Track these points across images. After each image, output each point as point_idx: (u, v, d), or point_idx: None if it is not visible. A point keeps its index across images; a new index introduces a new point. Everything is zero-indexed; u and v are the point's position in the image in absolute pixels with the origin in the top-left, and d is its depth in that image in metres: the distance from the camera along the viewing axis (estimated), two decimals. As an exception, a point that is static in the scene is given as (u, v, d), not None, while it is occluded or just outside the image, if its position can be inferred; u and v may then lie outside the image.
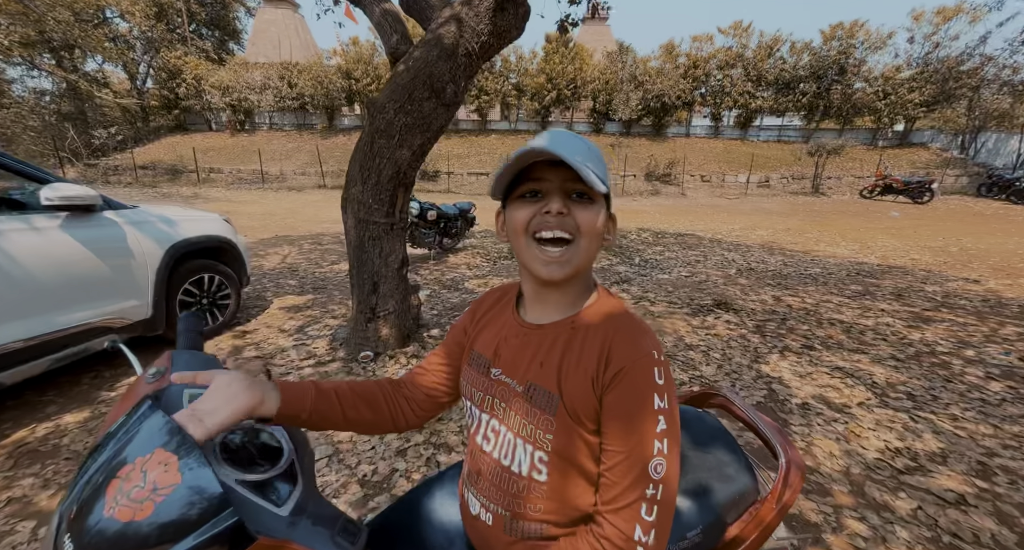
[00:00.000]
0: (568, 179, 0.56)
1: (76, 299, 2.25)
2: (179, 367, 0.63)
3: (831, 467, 1.86)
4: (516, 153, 0.55)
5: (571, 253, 0.57)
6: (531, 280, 0.64)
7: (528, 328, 0.65)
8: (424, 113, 2.62)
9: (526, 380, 0.61)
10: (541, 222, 0.57)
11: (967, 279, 5.01)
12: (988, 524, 1.52)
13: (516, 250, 0.62)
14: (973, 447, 1.94)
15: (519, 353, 0.63)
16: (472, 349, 0.71)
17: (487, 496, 0.64)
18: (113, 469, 0.45)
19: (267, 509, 0.49)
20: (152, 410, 0.50)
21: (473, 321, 0.75)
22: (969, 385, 2.50)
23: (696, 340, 3.27)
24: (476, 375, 0.68)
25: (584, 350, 0.58)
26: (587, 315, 0.62)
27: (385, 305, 2.97)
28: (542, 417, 0.58)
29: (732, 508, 0.85)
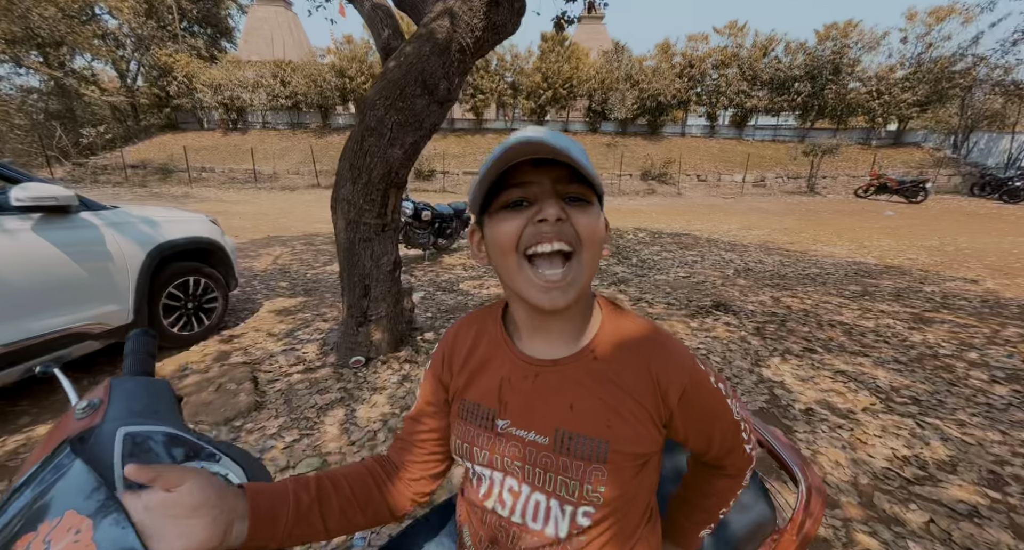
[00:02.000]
0: (560, 179, 0.46)
1: (51, 304, 2.15)
2: (119, 398, 0.54)
3: (839, 477, 1.80)
4: (500, 149, 0.43)
5: (574, 271, 0.47)
6: (526, 309, 0.52)
7: (540, 366, 0.53)
8: (416, 110, 2.53)
9: (553, 429, 0.51)
10: (536, 233, 0.46)
11: (965, 279, 4.99)
12: (1004, 538, 1.46)
13: (504, 274, 0.50)
14: (983, 455, 1.89)
15: (534, 398, 0.52)
16: (463, 399, 0.56)
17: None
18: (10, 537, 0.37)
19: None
20: (70, 459, 0.41)
21: (448, 369, 0.59)
22: (974, 389, 2.45)
23: (696, 343, 3.21)
24: (475, 431, 0.55)
25: (626, 384, 0.51)
26: (606, 339, 0.54)
27: (377, 309, 2.88)
28: (588, 469, 0.49)
29: (749, 541, 0.77)
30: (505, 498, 0.53)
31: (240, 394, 2.34)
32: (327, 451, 1.98)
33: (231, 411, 2.20)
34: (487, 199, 0.49)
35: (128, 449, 0.46)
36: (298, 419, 2.21)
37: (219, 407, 2.22)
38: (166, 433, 0.50)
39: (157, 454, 0.48)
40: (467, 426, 0.55)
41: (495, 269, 0.52)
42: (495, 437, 0.53)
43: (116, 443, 0.46)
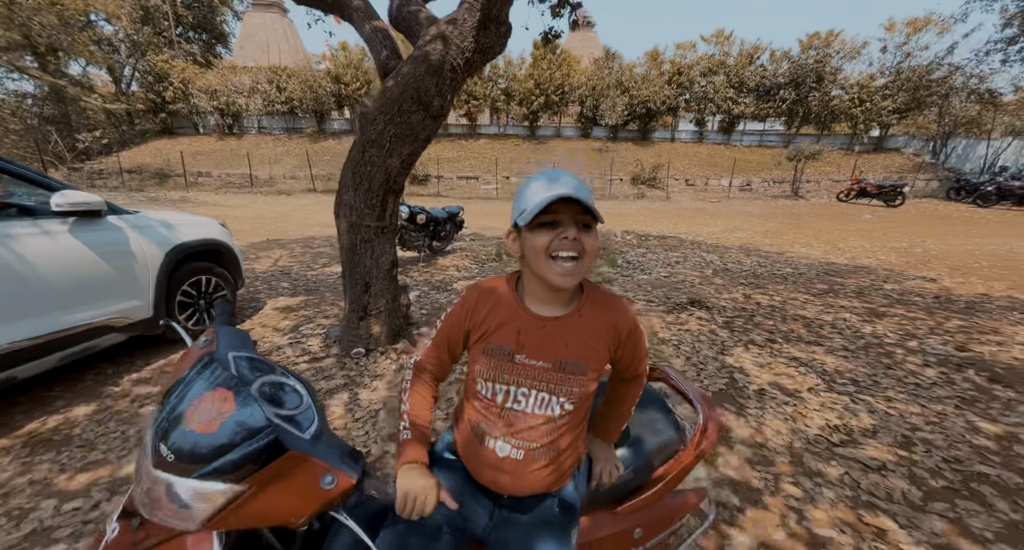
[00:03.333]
0: (578, 212, 0.77)
1: (83, 299, 2.39)
2: (223, 337, 0.82)
3: (777, 442, 2.09)
4: (550, 196, 0.73)
5: (579, 267, 0.78)
6: (543, 286, 0.82)
7: (547, 321, 0.84)
8: (412, 124, 2.82)
9: (554, 358, 0.82)
10: (560, 245, 0.75)
11: (924, 278, 5.36)
12: (902, 484, 1.76)
13: (533, 265, 0.79)
14: (901, 423, 2.20)
15: (542, 341, 0.83)
16: (488, 342, 0.85)
17: (522, 438, 0.83)
18: (186, 399, 0.65)
19: (295, 434, 0.68)
20: (210, 362, 0.69)
21: (472, 320, 0.87)
22: (907, 371, 2.77)
23: (669, 335, 3.50)
24: (499, 362, 0.83)
25: (598, 331, 0.85)
26: (587, 304, 0.87)
27: (376, 304, 3.14)
28: (574, 379, 0.83)
29: (659, 454, 1.06)
30: (520, 399, 0.84)
31: (253, 380, 2.59)
32: (334, 427, 2.24)
33: (246, 394, 2.45)
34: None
35: (239, 364, 0.74)
36: (306, 401, 2.46)
37: (235, 391, 2.47)
38: (255, 358, 0.78)
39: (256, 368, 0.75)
40: (492, 359, 0.84)
41: (525, 258, 0.82)
42: (514, 365, 0.83)
43: (230, 359, 0.74)
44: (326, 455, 0.69)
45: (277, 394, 0.74)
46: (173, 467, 0.62)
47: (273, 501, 0.66)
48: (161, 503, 0.63)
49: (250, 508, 0.65)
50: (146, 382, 2.63)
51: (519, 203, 0.81)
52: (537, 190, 0.77)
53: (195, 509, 0.62)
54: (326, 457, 0.69)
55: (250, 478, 0.63)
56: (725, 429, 2.16)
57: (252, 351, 0.81)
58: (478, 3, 2.76)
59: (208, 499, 0.62)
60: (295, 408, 0.74)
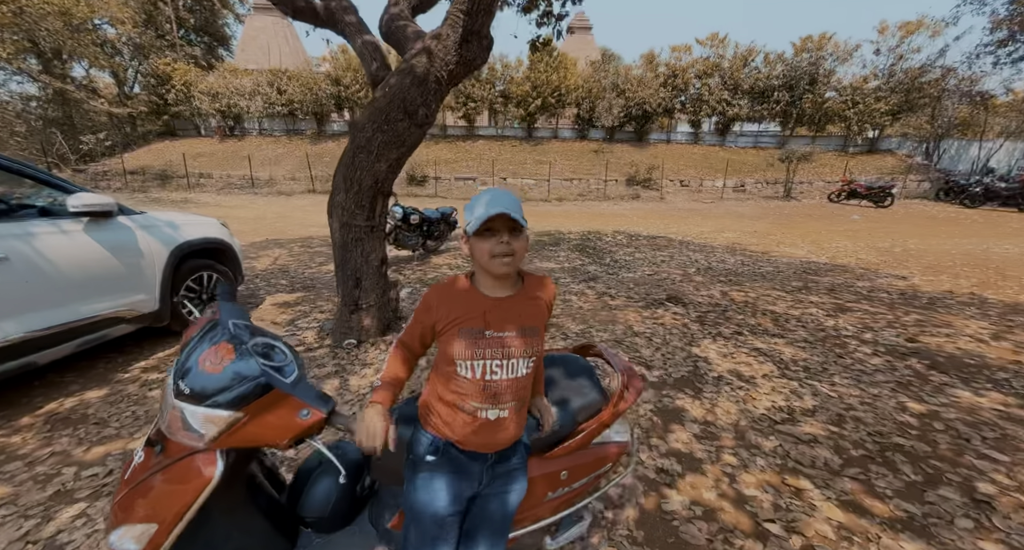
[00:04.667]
0: (509, 221, 0.99)
1: (96, 292, 2.62)
2: (225, 310, 1.05)
3: (724, 421, 2.32)
4: (488, 213, 0.95)
5: (514, 261, 1.03)
6: (490, 277, 1.04)
7: (504, 300, 1.06)
8: (399, 132, 3.05)
9: (517, 326, 1.04)
10: (498, 248, 0.98)
11: (896, 276, 5.58)
12: (825, 454, 1.99)
13: (481, 263, 1.01)
14: (838, 404, 2.42)
15: (504, 315, 1.03)
16: (460, 328, 1.01)
17: (505, 401, 1.03)
18: (198, 350, 0.88)
19: (280, 378, 0.90)
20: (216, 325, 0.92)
21: (435, 316, 1.04)
22: (855, 360, 2.99)
23: (643, 329, 3.73)
24: (472, 341, 1.00)
25: (538, 300, 1.10)
26: (529, 284, 1.13)
27: (367, 298, 3.37)
28: (533, 340, 1.05)
29: (582, 411, 1.29)
30: (495, 370, 1.02)
31: (251, 367, 2.82)
32: (324, 408, 2.46)
33: (245, 379, 2.68)
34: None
35: (238, 329, 0.97)
36: (300, 386, 2.69)
37: (235, 376, 2.70)
38: (250, 325, 1.01)
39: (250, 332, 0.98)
40: (466, 340, 1.01)
41: (474, 257, 1.04)
42: (485, 340, 1.01)
43: (230, 325, 0.96)
44: (303, 395, 0.92)
45: (267, 351, 0.97)
46: (189, 398, 0.85)
47: (263, 426, 0.88)
48: (179, 426, 0.85)
49: (246, 431, 0.87)
50: (154, 369, 2.86)
51: (468, 217, 1.04)
52: (480, 207, 1.01)
53: (204, 431, 0.85)
54: (303, 396, 0.92)
55: (245, 408, 0.86)
56: (641, 392, 2.39)
57: (247, 320, 1.04)
58: (460, 19, 2.98)
59: (214, 422, 0.85)
60: (281, 362, 0.96)
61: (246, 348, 0.90)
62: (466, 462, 1.07)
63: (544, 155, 21.01)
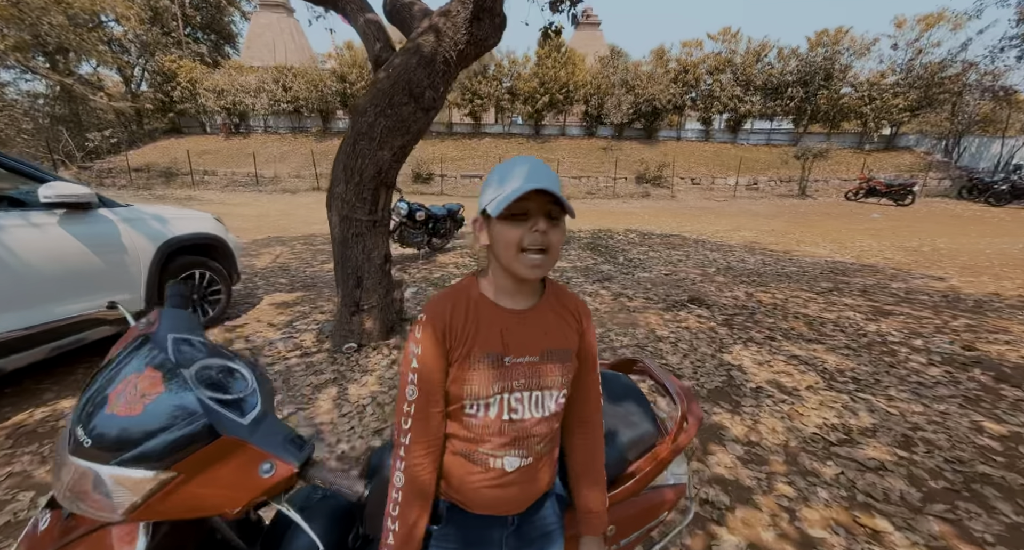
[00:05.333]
0: (548, 203, 0.72)
1: (73, 291, 2.39)
2: (167, 319, 0.79)
3: (772, 441, 2.03)
4: (524, 188, 0.69)
5: (547, 260, 0.76)
6: (512, 280, 0.79)
7: (523, 313, 0.81)
8: (403, 117, 2.79)
9: (541, 349, 0.79)
10: (532, 240, 0.72)
11: (932, 277, 5.23)
12: (899, 485, 1.70)
13: (503, 258, 0.75)
14: (901, 423, 2.12)
15: (525, 334, 0.79)
16: (471, 353, 0.75)
17: (526, 448, 0.78)
18: (114, 382, 0.61)
19: (231, 418, 0.64)
20: (145, 342, 0.65)
21: (450, 338, 0.76)
22: (910, 370, 2.69)
23: (667, 332, 3.44)
24: (488, 371, 0.76)
25: (566, 315, 0.85)
26: (553, 294, 0.87)
27: (369, 299, 3.12)
28: (562, 367, 0.81)
29: (633, 447, 1.01)
30: (515, 406, 0.78)
31: (242, 374, 2.58)
32: (319, 421, 2.21)
33: (234, 387, 2.44)
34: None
35: (178, 346, 0.70)
36: (294, 396, 2.45)
37: (223, 384, 2.46)
38: (198, 340, 0.75)
39: (196, 350, 0.72)
40: (481, 371, 0.75)
41: (493, 251, 0.78)
42: (504, 370, 0.77)
43: (168, 342, 0.70)
44: (265, 441, 0.66)
45: (219, 378, 0.70)
46: (91, 454, 0.59)
47: (205, 489, 0.62)
48: (81, 492, 0.59)
49: (179, 496, 0.61)
50: (136, 375, 2.62)
51: (489, 190, 0.76)
52: (512, 180, 0.73)
53: (117, 498, 0.59)
54: (265, 443, 0.65)
55: (178, 464, 0.60)
56: (703, 422, 2.11)
57: (197, 334, 0.78)
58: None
59: (131, 487, 0.59)
60: (239, 392, 0.70)
61: (183, 375, 0.64)
62: (480, 529, 0.81)
63: (552, 153, 20.68)
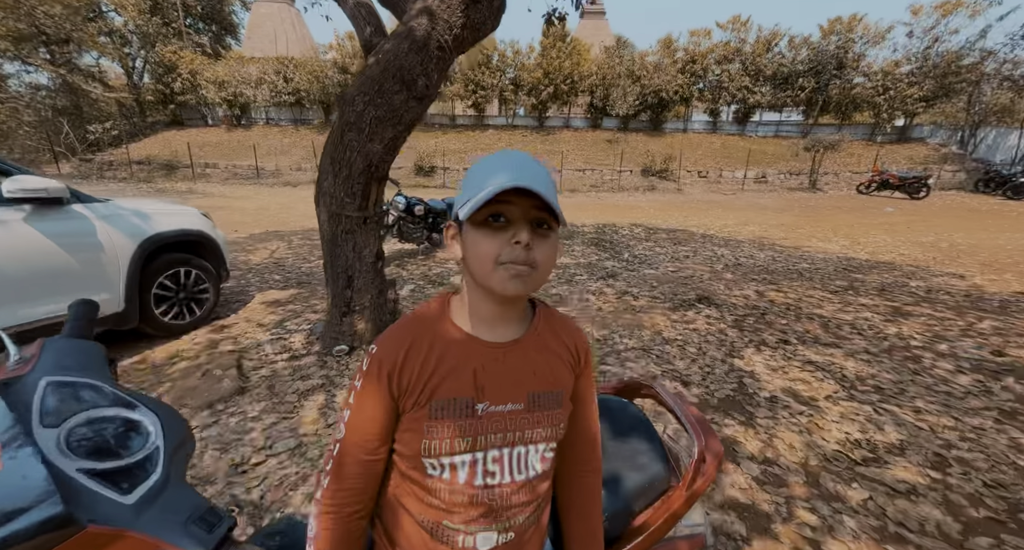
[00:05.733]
0: (533, 206, 0.57)
1: (43, 292, 2.26)
2: (49, 354, 0.63)
3: (790, 459, 1.87)
4: (502, 186, 0.54)
5: (533, 277, 0.59)
6: (491, 302, 0.63)
7: (506, 347, 0.64)
8: (394, 106, 2.61)
9: (526, 393, 0.64)
10: (510, 254, 0.57)
11: (953, 274, 5.01)
12: (935, 514, 1.53)
13: (479, 275, 0.59)
14: (932, 439, 1.95)
15: (507, 375, 0.63)
16: (432, 401, 0.60)
17: (506, 520, 0.63)
18: None
19: (107, 497, 0.48)
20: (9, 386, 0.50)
21: (398, 384, 0.60)
22: (937, 378, 2.51)
23: (674, 334, 3.27)
24: (455, 423, 0.60)
25: (559, 351, 0.69)
26: (545, 321, 0.70)
27: (360, 299, 2.96)
28: (552, 414, 0.66)
29: (641, 496, 0.85)
30: (492, 468, 0.62)
31: (224, 380, 2.45)
32: (303, 432, 2.07)
33: (214, 395, 2.31)
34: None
35: (49, 395, 0.55)
36: (279, 403, 2.31)
37: (203, 392, 2.32)
38: (86, 383, 0.59)
39: (77, 400, 0.56)
40: (443, 423, 0.60)
41: (466, 265, 0.61)
42: (476, 421, 0.60)
43: (38, 389, 0.54)
44: (158, 524, 0.50)
45: (108, 437, 0.55)
46: None
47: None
48: None
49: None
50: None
51: (465, 190, 0.60)
52: (489, 175, 0.57)
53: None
54: (158, 527, 0.50)
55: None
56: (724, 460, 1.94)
57: (91, 373, 0.62)
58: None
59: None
60: (133, 454, 0.54)
61: (34, 440, 0.48)
62: None
63: (556, 145, 20.38)
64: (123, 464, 0.52)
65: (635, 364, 2.76)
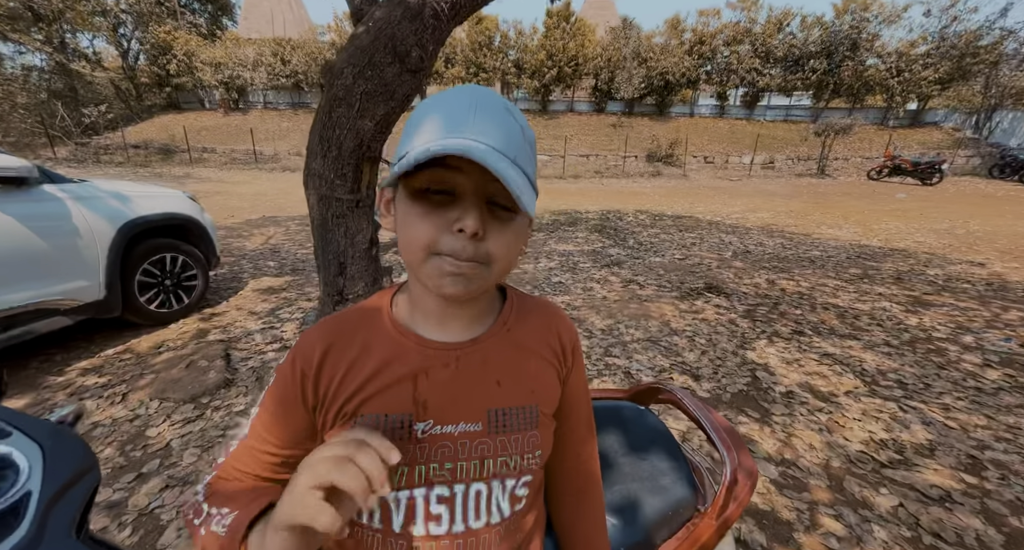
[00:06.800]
0: (490, 179, 0.40)
1: (11, 278, 2.12)
2: None
3: (810, 460, 1.74)
4: (442, 146, 0.37)
5: (480, 270, 0.43)
6: (429, 295, 0.49)
7: (459, 349, 0.49)
8: (386, 80, 2.42)
9: (485, 411, 0.49)
10: (450, 245, 0.41)
11: (971, 262, 4.82)
12: (974, 523, 1.40)
13: (408, 263, 0.46)
14: (964, 439, 1.82)
15: (457, 386, 0.49)
16: (358, 417, 0.47)
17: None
18: None
19: None
20: None
21: (315, 391, 0.48)
22: (965, 373, 2.36)
23: (682, 325, 3.13)
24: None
25: (537, 344, 0.54)
26: (513, 311, 0.55)
27: (354, 287, 2.82)
28: (524, 437, 0.50)
29: (663, 525, 0.72)
30: (435, 511, 0.47)
31: (210, 372, 2.32)
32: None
33: (199, 388, 2.19)
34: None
35: None
36: (267, 396, 2.19)
37: (187, 384, 2.20)
38: None
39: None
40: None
41: (400, 246, 0.46)
42: (415, 446, 0.47)
43: None
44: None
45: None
46: None
47: None
48: None
49: None
50: (94, 372, 2.38)
51: (403, 139, 0.44)
52: (429, 122, 0.41)
53: None
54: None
55: None
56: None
57: None
58: (464, -70, 2.30)
59: None
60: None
61: None
62: None
63: (559, 129, 19.95)
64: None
65: (642, 356, 2.62)
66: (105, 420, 1.94)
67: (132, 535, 1.38)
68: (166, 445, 1.80)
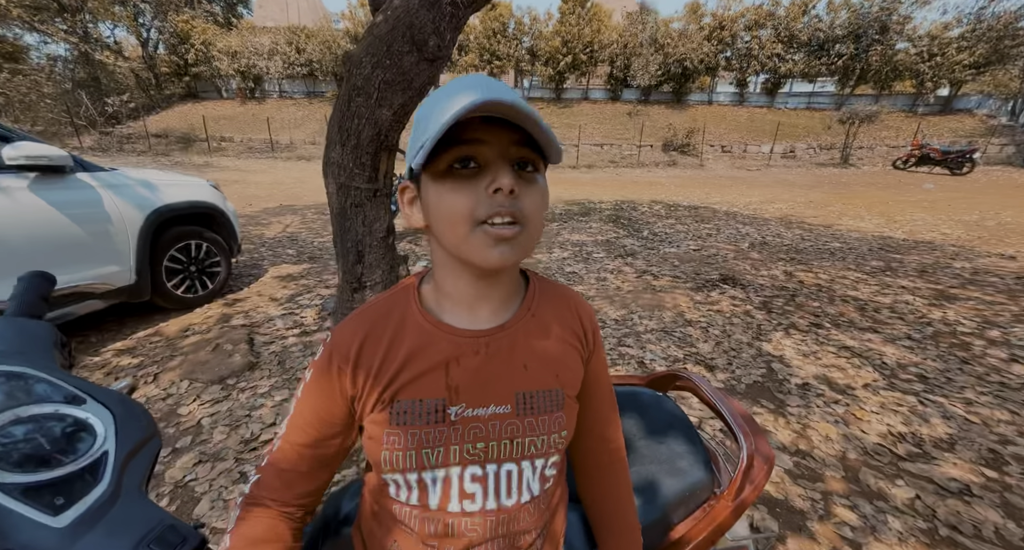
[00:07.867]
0: (512, 142, 0.44)
1: (49, 263, 2.21)
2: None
3: (825, 451, 1.74)
4: (463, 106, 0.38)
5: (521, 235, 0.46)
6: (466, 278, 0.51)
7: (488, 335, 0.52)
8: (404, 68, 2.43)
9: (512, 393, 0.52)
10: (490, 206, 0.43)
11: (1002, 255, 4.66)
12: (992, 517, 1.39)
13: (448, 241, 0.46)
14: (986, 434, 1.79)
15: (487, 371, 0.51)
16: (395, 403, 0.49)
17: (501, 545, 0.53)
18: None
19: (30, 520, 0.39)
20: None
21: (353, 380, 0.50)
22: (989, 368, 2.32)
23: (697, 316, 3.12)
24: (421, 432, 0.49)
25: (561, 329, 0.56)
26: (540, 298, 0.57)
27: (371, 275, 2.88)
28: (551, 419, 0.53)
29: (680, 505, 0.74)
30: (469, 489, 0.51)
31: (235, 355, 2.41)
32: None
33: (225, 370, 2.27)
34: (430, 155, 0.43)
35: None
36: (289, 379, 2.27)
37: (214, 366, 2.29)
38: (18, 373, 0.48)
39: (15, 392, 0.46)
40: (407, 431, 0.49)
41: (432, 233, 0.49)
42: (449, 429, 0.50)
43: None
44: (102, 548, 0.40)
45: (43, 439, 0.45)
46: None
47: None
48: None
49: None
50: (129, 352, 2.49)
51: (415, 136, 0.46)
52: (441, 106, 0.42)
53: None
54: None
55: None
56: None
57: (41, 362, 0.52)
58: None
59: None
60: (76, 460, 0.44)
61: None
62: None
63: (573, 118, 19.68)
64: (56, 476, 0.42)
65: (656, 347, 2.63)
66: (140, 398, 2.04)
67: (169, 505, 1.46)
68: (197, 423, 1.89)
